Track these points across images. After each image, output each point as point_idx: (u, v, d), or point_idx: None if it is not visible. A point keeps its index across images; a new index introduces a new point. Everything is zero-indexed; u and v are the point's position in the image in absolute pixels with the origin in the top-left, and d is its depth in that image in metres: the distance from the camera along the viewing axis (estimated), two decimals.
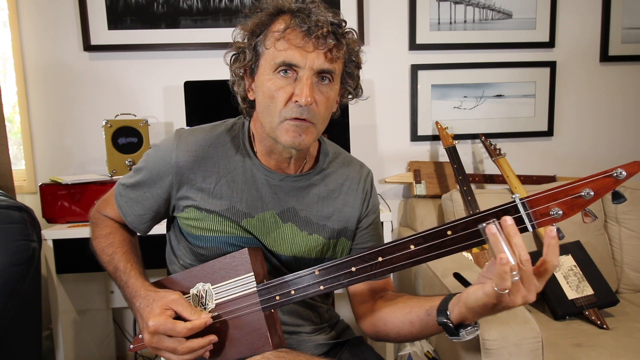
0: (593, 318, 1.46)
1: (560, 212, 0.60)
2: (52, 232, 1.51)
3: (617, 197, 0.58)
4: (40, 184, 1.62)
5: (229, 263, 0.82)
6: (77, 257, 1.54)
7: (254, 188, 0.90)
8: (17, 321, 1.22)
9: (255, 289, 0.80)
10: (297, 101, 0.79)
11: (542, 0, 2.01)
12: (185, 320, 0.79)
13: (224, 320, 0.82)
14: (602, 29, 2.07)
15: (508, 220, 0.62)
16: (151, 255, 1.05)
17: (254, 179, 0.90)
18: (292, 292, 0.78)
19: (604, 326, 1.42)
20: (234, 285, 0.82)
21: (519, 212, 0.62)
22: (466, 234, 0.65)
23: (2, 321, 1.12)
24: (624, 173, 0.56)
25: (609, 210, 1.80)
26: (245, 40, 0.85)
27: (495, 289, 0.62)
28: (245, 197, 0.89)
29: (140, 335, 0.88)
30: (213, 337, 0.79)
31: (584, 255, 1.62)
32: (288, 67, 0.79)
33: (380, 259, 0.71)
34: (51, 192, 1.61)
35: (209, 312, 0.83)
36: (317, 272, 0.76)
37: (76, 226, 1.56)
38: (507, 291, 0.62)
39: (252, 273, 0.80)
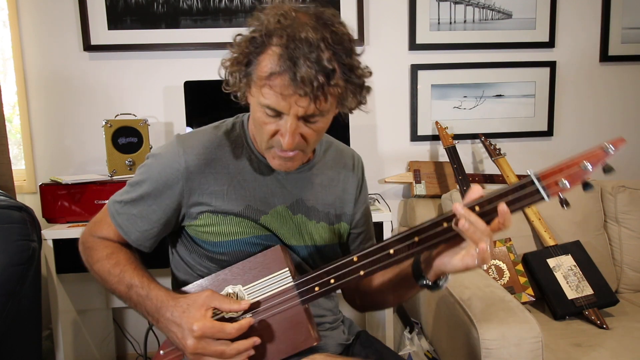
0: (593, 318, 1.46)
1: (567, 182, 0.69)
2: (52, 232, 1.51)
3: (608, 170, 0.71)
4: (40, 184, 1.62)
5: (260, 262, 0.82)
6: (77, 257, 1.52)
7: (264, 184, 0.91)
8: (17, 321, 1.22)
9: (293, 283, 0.80)
10: (280, 140, 0.79)
11: (542, 0, 2.01)
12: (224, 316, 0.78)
13: (260, 320, 0.81)
14: (602, 29, 2.06)
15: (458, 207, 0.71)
16: (151, 255, 1.05)
17: (263, 175, 0.91)
18: (332, 280, 0.79)
19: (604, 326, 1.42)
20: (268, 283, 0.81)
21: (535, 185, 0.70)
22: (492, 208, 0.71)
23: (2, 321, 1.12)
24: (612, 146, 0.70)
25: (609, 210, 1.80)
26: (236, 65, 0.80)
27: (480, 265, 0.73)
28: (259, 194, 0.90)
29: (162, 352, 0.85)
30: (256, 339, 0.78)
31: (583, 255, 1.62)
32: (273, 110, 0.77)
33: (416, 238, 0.75)
34: (51, 192, 1.60)
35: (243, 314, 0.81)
36: (355, 259, 0.78)
37: (76, 226, 1.56)
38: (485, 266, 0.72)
39: (287, 268, 0.81)
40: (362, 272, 0.78)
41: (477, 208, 0.71)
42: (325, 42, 0.73)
